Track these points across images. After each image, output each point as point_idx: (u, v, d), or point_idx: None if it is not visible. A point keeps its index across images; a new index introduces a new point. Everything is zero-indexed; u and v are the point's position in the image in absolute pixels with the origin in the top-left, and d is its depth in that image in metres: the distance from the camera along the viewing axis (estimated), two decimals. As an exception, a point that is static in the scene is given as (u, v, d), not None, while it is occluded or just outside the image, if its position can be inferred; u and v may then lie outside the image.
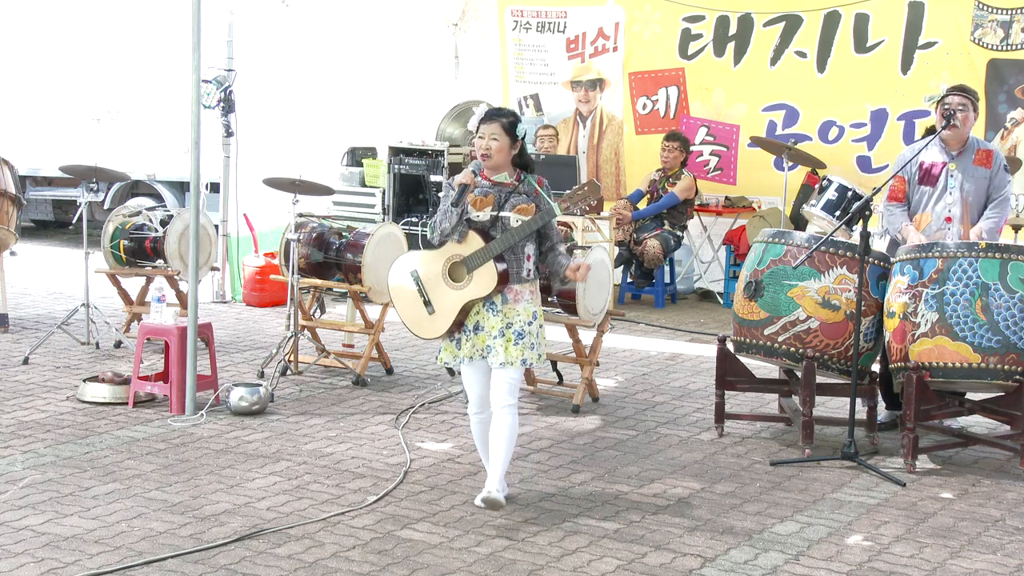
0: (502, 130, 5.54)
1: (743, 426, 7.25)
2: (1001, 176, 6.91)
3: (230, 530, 5.31)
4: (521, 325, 5.58)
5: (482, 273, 5.52)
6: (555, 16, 12.13)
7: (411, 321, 5.74)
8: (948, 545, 5.37)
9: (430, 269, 5.65)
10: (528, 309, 5.60)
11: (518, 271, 5.57)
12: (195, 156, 7.16)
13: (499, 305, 5.57)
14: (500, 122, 5.56)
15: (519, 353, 5.56)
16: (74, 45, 14.29)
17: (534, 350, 5.61)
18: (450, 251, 5.60)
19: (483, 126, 5.58)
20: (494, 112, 5.66)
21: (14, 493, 5.71)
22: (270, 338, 9.43)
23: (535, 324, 5.62)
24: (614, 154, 12.09)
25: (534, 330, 5.61)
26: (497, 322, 5.56)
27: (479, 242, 5.53)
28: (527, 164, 5.68)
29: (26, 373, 8.08)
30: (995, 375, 6.23)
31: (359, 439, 6.79)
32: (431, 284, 5.64)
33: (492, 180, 5.62)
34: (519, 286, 5.59)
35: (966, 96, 6.85)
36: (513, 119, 5.60)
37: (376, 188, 11.34)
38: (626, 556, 5.13)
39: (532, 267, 5.63)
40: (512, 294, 5.58)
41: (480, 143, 5.58)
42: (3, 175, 9.11)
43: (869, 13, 10.60)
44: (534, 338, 5.61)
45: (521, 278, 5.58)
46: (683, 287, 11.88)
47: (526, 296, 5.61)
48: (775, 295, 6.68)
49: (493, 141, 5.54)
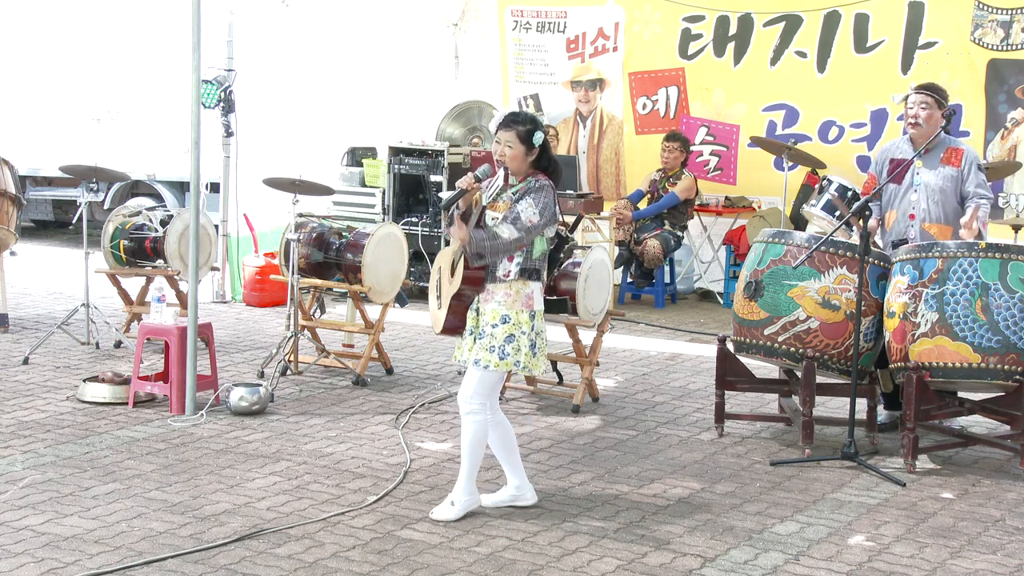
0: (517, 138, 5.48)
1: (743, 426, 7.25)
2: (975, 175, 6.86)
3: (230, 530, 5.31)
4: (484, 325, 5.49)
5: (458, 268, 5.52)
6: (555, 16, 12.13)
7: (432, 314, 5.79)
8: (948, 545, 5.37)
9: (446, 264, 5.65)
10: (496, 311, 5.46)
11: (493, 270, 5.48)
12: (195, 156, 7.16)
13: (475, 303, 5.55)
14: (516, 130, 5.49)
15: (475, 353, 5.49)
16: (74, 45, 14.29)
17: (493, 353, 5.44)
18: (454, 247, 5.61)
19: (500, 132, 5.54)
20: (511, 118, 5.56)
21: (14, 493, 5.71)
22: (270, 338, 9.43)
23: (503, 328, 5.44)
24: (614, 154, 12.09)
25: (499, 334, 5.44)
26: (471, 321, 5.56)
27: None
28: (546, 167, 5.59)
29: (26, 373, 8.08)
30: (995, 375, 6.23)
31: (359, 439, 6.79)
32: (444, 279, 5.65)
33: (508, 184, 5.59)
34: (492, 285, 5.49)
35: (928, 94, 6.88)
36: (530, 127, 5.50)
37: (376, 188, 11.33)
38: (626, 556, 5.13)
39: (514, 269, 5.46)
40: (485, 294, 5.51)
41: (496, 148, 5.56)
42: (3, 175, 9.11)
43: (869, 13, 10.61)
44: (497, 341, 5.44)
45: (496, 278, 5.48)
46: (683, 287, 11.88)
47: (498, 297, 5.47)
48: (775, 295, 6.68)
49: (508, 148, 5.50)
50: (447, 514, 5.51)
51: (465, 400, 5.55)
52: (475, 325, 5.54)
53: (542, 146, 5.54)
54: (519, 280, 5.48)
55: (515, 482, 5.73)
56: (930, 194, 6.91)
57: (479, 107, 12.06)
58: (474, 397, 5.53)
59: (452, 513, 5.52)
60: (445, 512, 5.52)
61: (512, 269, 5.48)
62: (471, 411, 5.54)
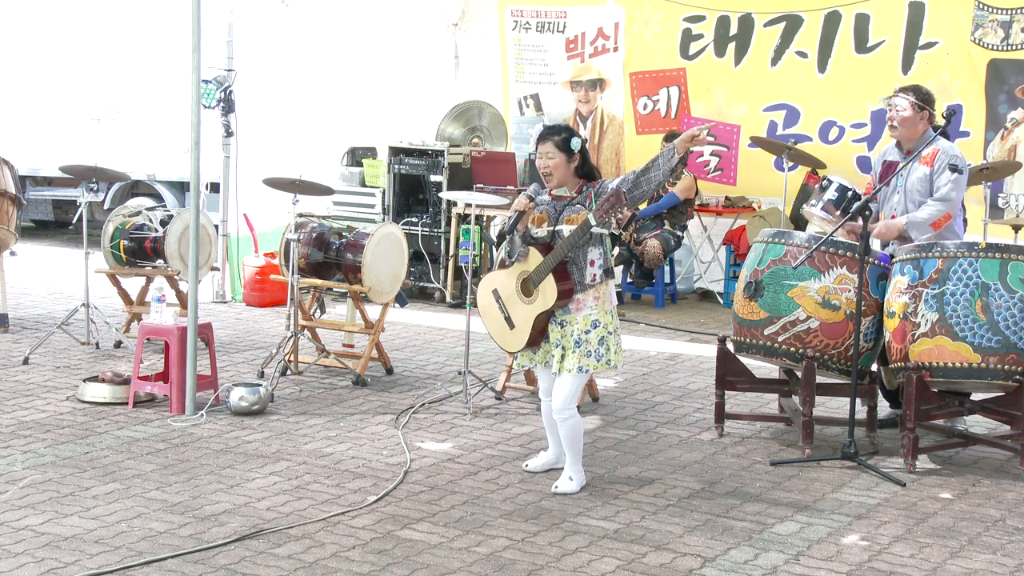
0: (556, 148, 5.79)
1: (743, 426, 7.25)
2: (943, 176, 6.79)
3: (230, 530, 5.31)
4: (578, 334, 5.77)
5: (544, 287, 5.78)
6: (555, 16, 12.13)
7: (497, 335, 6.12)
8: (948, 545, 5.37)
9: (506, 287, 5.98)
10: (588, 318, 5.77)
11: (580, 279, 5.77)
12: (195, 156, 7.16)
13: (559, 315, 5.82)
14: (553, 140, 5.79)
15: (576, 361, 5.77)
16: (74, 45, 14.29)
17: (591, 357, 5.77)
18: (519, 269, 5.92)
19: (539, 147, 5.85)
20: (547, 131, 5.86)
21: (14, 493, 5.71)
22: (270, 338, 9.43)
23: (595, 332, 5.77)
24: (615, 154, 12.09)
25: (592, 338, 5.77)
26: (559, 332, 5.84)
27: (539, 257, 5.78)
28: (588, 174, 5.87)
29: (26, 373, 8.08)
30: (995, 375, 6.23)
31: (359, 439, 6.79)
32: (510, 301, 5.97)
33: (553, 195, 5.87)
34: (582, 295, 5.79)
35: (904, 96, 6.90)
36: (566, 135, 5.80)
37: (376, 188, 11.34)
38: (626, 556, 5.13)
39: (598, 271, 5.78)
40: (574, 304, 5.79)
41: (539, 162, 5.83)
42: (3, 175, 9.11)
43: (869, 13, 10.61)
44: (592, 345, 5.77)
45: (584, 285, 5.77)
46: (683, 287, 11.88)
47: (588, 303, 5.78)
48: (775, 295, 6.68)
49: (550, 160, 5.79)
50: (568, 487, 5.91)
51: (561, 407, 5.86)
52: (560, 336, 5.84)
53: (582, 153, 5.82)
54: (603, 282, 5.81)
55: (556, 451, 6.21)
56: (908, 195, 6.92)
57: (479, 107, 12.06)
58: (569, 402, 5.87)
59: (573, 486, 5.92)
60: (566, 485, 5.92)
61: (597, 272, 5.80)
62: (567, 416, 5.88)
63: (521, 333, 5.93)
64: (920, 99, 6.87)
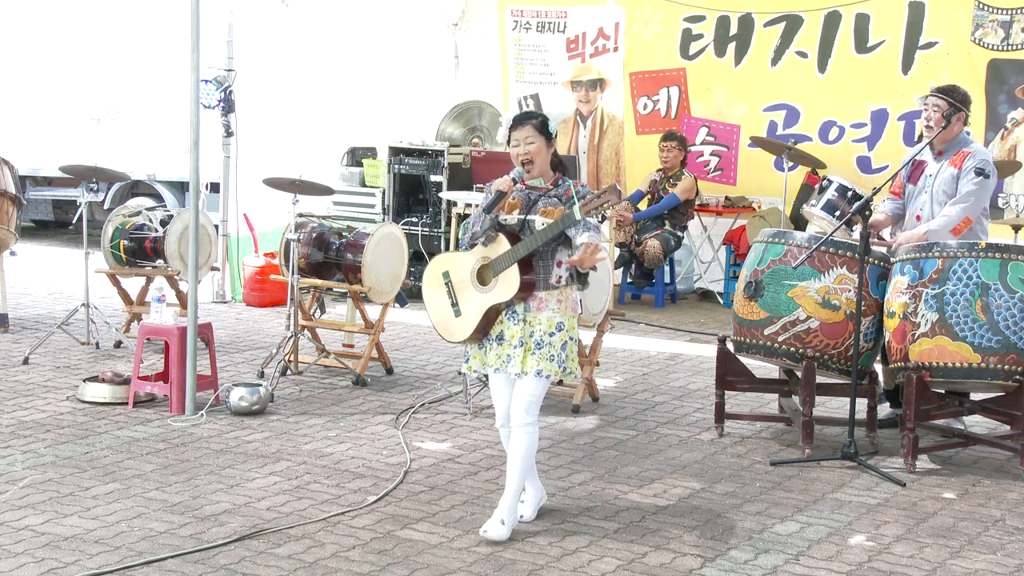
0: (536, 131, 5.36)
1: (743, 426, 7.25)
2: (968, 178, 6.76)
3: (230, 530, 5.31)
4: (541, 335, 5.32)
5: (505, 277, 5.33)
6: (555, 16, 12.13)
7: (439, 323, 5.59)
8: (948, 545, 5.37)
9: (460, 271, 5.51)
10: (552, 319, 5.32)
11: (546, 277, 5.34)
12: (195, 156, 7.16)
13: (521, 313, 5.35)
14: (531, 123, 5.36)
15: (535, 363, 5.29)
16: (74, 45, 14.29)
17: (554, 362, 5.30)
18: (480, 253, 5.45)
19: (514, 133, 5.39)
20: (522, 116, 5.43)
21: (14, 493, 5.71)
22: (270, 338, 9.43)
23: (559, 335, 5.32)
24: (615, 154, 12.09)
25: (556, 341, 5.31)
26: (518, 331, 5.34)
27: (506, 245, 5.33)
28: (558, 165, 5.49)
29: (26, 373, 8.08)
30: (995, 375, 6.23)
31: (359, 439, 6.79)
32: (460, 287, 5.49)
33: (527, 185, 5.44)
34: (545, 293, 5.33)
35: (940, 97, 6.85)
36: (543, 118, 5.39)
37: (376, 188, 11.34)
38: (626, 556, 5.13)
39: (564, 274, 5.34)
40: (536, 302, 5.34)
41: (517, 150, 5.37)
42: (3, 175, 9.11)
43: (869, 13, 10.60)
44: (555, 349, 5.31)
45: (549, 285, 5.34)
46: (683, 287, 11.88)
47: (551, 305, 5.34)
48: (775, 295, 6.67)
49: (530, 145, 5.35)
50: (498, 533, 5.27)
51: (523, 413, 5.32)
52: (525, 335, 5.34)
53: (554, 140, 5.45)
54: (568, 286, 5.40)
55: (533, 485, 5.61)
56: (935, 196, 6.89)
57: (479, 107, 12.06)
58: (532, 409, 5.34)
59: (503, 532, 5.28)
60: (496, 531, 5.28)
61: (563, 275, 5.37)
62: (528, 423, 5.34)
63: (468, 323, 5.41)
64: (956, 99, 6.84)
